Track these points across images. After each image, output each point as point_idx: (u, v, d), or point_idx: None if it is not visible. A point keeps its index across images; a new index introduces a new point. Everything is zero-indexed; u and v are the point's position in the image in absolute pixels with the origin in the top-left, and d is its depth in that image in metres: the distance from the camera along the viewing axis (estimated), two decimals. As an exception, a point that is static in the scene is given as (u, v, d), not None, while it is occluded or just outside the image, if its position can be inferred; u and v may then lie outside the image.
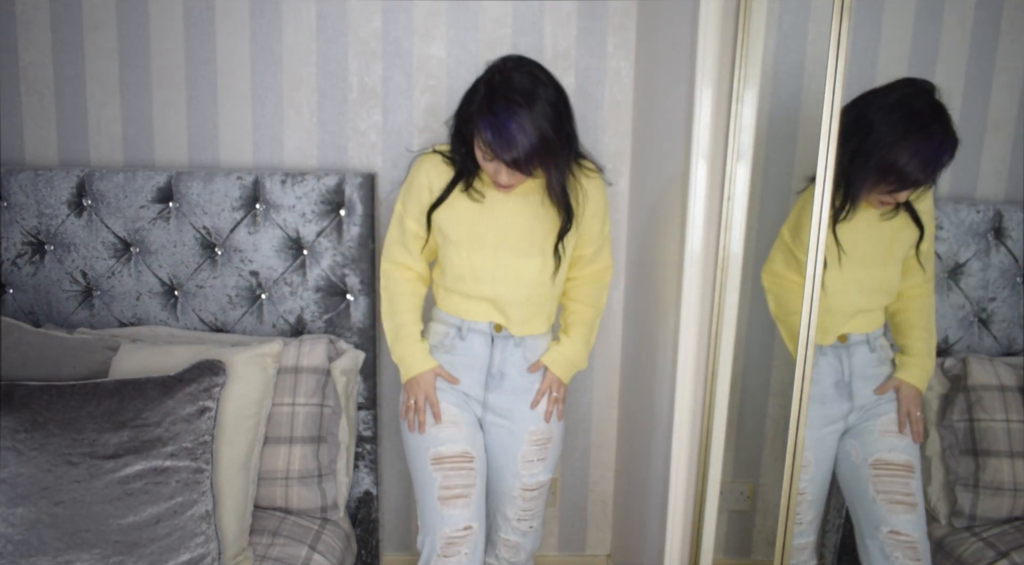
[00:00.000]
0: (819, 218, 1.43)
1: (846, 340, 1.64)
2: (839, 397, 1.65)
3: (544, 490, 1.79)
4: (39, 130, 2.04)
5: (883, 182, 1.49)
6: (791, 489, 1.52)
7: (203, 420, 1.56)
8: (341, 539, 1.80)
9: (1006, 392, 1.71)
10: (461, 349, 1.71)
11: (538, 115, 1.47)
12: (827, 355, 1.63)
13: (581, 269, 1.76)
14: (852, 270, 1.58)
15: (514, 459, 1.73)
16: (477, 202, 1.64)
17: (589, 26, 2.02)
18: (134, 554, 1.45)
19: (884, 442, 1.66)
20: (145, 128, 2.04)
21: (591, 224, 1.70)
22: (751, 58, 1.41)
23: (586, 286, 1.77)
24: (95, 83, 2.02)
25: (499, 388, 1.72)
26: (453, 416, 1.70)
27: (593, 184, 1.68)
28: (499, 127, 1.46)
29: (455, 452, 1.67)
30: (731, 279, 1.47)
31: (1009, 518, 1.70)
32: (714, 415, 1.51)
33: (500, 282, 1.65)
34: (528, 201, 1.64)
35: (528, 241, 1.64)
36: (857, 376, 1.65)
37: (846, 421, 1.67)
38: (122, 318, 1.95)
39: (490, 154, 1.51)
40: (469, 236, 1.64)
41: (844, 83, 1.37)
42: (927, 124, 1.48)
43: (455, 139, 1.63)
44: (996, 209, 1.75)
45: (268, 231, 1.92)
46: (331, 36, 2.01)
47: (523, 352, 1.72)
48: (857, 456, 1.67)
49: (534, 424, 1.73)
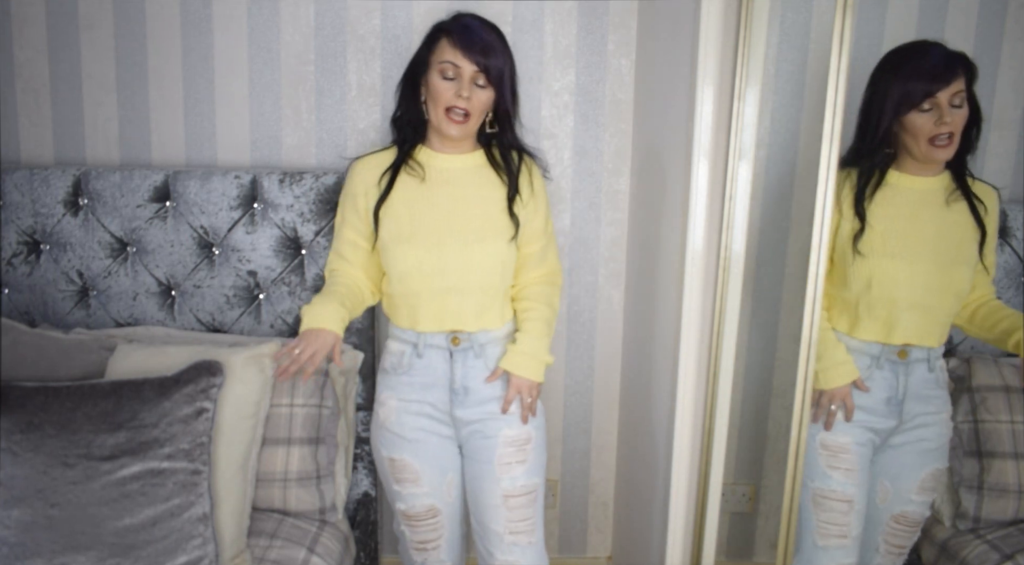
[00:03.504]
0: (820, 218, 1.43)
1: (906, 356, 1.59)
2: (888, 414, 1.61)
3: (532, 498, 1.67)
4: (34, 129, 2.03)
5: (907, 96, 1.49)
6: (794, 491, 1.52)
7: (200, 421, 1.55)
8: (340, 541, 1.79)
9: (1010, 393, 1.70)
10: (420, 368, 1.64)
11: (502, 39, 1.57)
12: (884, 369, 1.59)
13: (529, 272, 1.71)
14: (909, 257, 1.55)
15: (491, 462, 1.65)
16: (415, 177, 1.61)
17: (590, 24, 2.01)
18: (131, 556, 1.44)
19: (918, 498, 1.63)
20: (142, 127, 2.03)
21: (534, 218, 1.67)
22: (753, 56, 1.41)
23: (537, 286, 1.71)
24: (91, 81, 2.01)
25: (465, 403, 1.65)
26: (411, 472, 1.65)
27: (534, 169, 1.69)
28: (466, 26, 1.55)
29: (419, 510, 1.66)
30: (733, 279, 1.47)
31: (1014, 520, 1.69)
32: (716, 416, 1.50)
33: (449, 272, 1.59)
34: (468, 181, 1.62)
35: (473, 224, 1.60)
36: (911, 396, 1.60)
37: (889, 438, 1.63)
38: (119, 318, 1.94)
39: (451, 57, 1.53)
40: (411, 227, 1.59)
41: (847, 81, 1.36)
42: (927, 42, 1.54)
43: (403, 93, 1.64)
44: (1001, 208, 1.74)
45: (266, 230, 1.91)
46: (329, 34, 2.00)
47: (484, 362, 1.64)
48: (884, 500, 1.64)
49: (508, 427, 1.65)
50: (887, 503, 1.63)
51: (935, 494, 1.66)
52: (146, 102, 2.02)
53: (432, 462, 1.66)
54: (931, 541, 1.77)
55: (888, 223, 1.56)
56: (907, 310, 1.56)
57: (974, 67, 1.52)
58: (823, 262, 1.44)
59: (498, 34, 1.57)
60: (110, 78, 2.00)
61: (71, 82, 2.01)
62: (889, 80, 1.53)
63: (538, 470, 1.69)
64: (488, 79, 1.55)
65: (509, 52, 1.58)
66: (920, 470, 1.62)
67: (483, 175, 1.64)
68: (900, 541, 1.65)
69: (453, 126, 1.56)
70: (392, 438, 1.66)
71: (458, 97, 1.54)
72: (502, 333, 1.67)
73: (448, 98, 1.54)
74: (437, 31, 1.58)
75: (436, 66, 1.55)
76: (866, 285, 1.56)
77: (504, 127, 1.63)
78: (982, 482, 1.69)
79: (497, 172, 1.65)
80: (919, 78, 1.50)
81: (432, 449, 1.66)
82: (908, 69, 1.51)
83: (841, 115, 1.38)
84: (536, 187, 1.68)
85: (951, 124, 1.49)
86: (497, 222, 1.62)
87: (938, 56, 1.51)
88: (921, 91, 1.49)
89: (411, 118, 1.64)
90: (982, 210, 1.59)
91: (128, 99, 2.02)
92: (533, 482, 1.68)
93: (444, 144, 1.63)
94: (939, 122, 1.49)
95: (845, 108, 1.38)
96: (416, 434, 1.65)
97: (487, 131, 1.64)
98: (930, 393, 1.61)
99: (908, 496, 1.62)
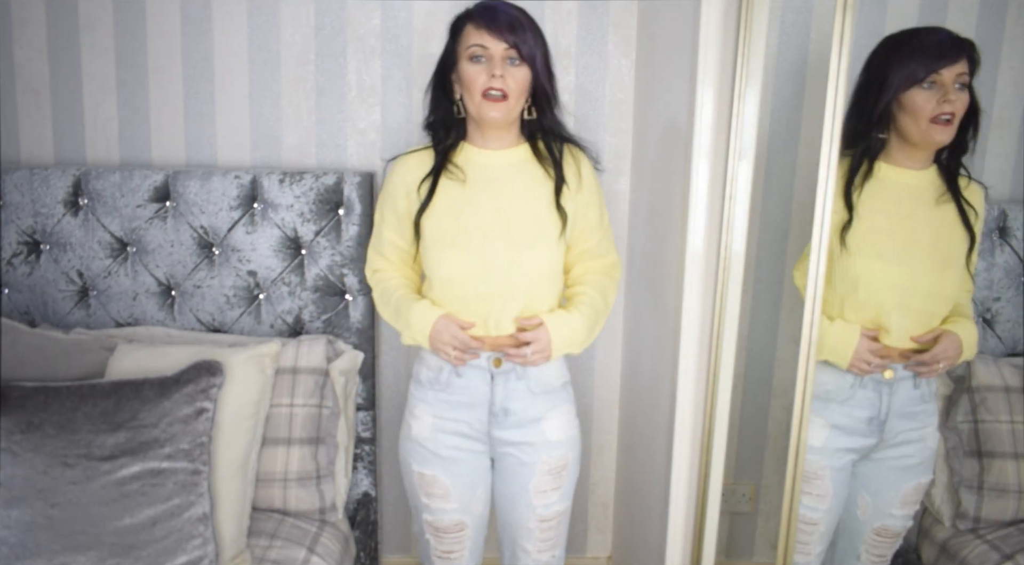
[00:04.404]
0: (820, 218, 1.42)
1: (893, 376, 1.55)
2: (869, 433, 1.58)
3: (563, 518, 1.67)
4: (35, 129, 2.03)
5: (910, 71, 1.45)
6: (794, 491, 1.52)
7: (200, 421, 1.55)
8: (340, 541, 1.79)
9: (1011, 393, 1.70)
10: (459, 387, 1.58)
11: (531, 18, 1.51)
12: (867, 388, 1.55)
13: (588, 263, 1.63)
14: (898, 257, 1.50)
15: (526, 490, 1.62)
16: (456, 180, 1.55)
17: (590, 24, 2.01)
18: (131, 556, 1.44)
19: (899, 512, 1.61)
20: (142, 127, 2.03)
21: (586, 211, 1.59)
22: (753, 56, 1.40)
23: (595, 274, 1.63)
24: (91, 81, 2.00)
25: (504, 424, 1.59)
26: (442, 488, 1.61)
27: (583, 161, 1.60)
28: (489, 7, 1.49)
29: (447, 524, 1.64)
30: (733, 279, 1.46)
31: (1014, 520, 1.69)
32: (716, 416, 1.50)
33: (492, 277, 1.52)
34: (512, 179, 1.55)
35: (519, 225, 1.53)
36: (894, 414, 1.57)
37: (870, 453, 1.61)
38: (119, 318, 1.94)
39: (478, 39, 1.47)
40: (454, 231, 1.53)
41: (847, 81, 1.36)
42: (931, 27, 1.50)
43: (433, 94, 1.58)
44: (1001, 208, 1.74)
45: (266, 231, 1.90)
46: (330, 34, 2.00)
47: (526, 384, 1.58)
48: (864, 514, 1.62)
49: (547, 452, 1.61)
50: (868, 517, 1.61)
51: (917, 506, 1.64)
52: (146, 102, 2.02)
53: (464, 479, 1.62)
54: (931, 541, 1.77)
55: (876, 218, 1.51)
56: (896, 314, 1.52)
57: (978, 56, 1.47)
58: (823, 262, 1.44)
59: (525, 13, 1.50)
60: (110, 78, 2.00)
61: (71, 82, 2.01)
62: (891, 58, 1.48)
63: (571, 492, 1.68)
64: (521, 56, 1.47)
65: (539, 31, 1.51)
66: (902, 485, 1.60)
67: (528, 171, 1.56)
68: (881, 551, 1.64)
69: (493, 107, 1.47)
70: (425, 454, 1.62)
71: (492, 78, 1.46)
72: None
73: (482, 81, 1.47)
74: (461, 20, 1.52)
75: (465, 53, 1.48)
76: (852, 286, 1.52)
77: (543, 110, 1.55)
78: (982, 482, 1.69)
79: (543, 165, 1.56)
80: (924, 54, 1.44)
81: (465, 467, 1.62)
82: (912, 46, 1.46)
83: (841, 115, 1.38)
84: (585, 176, 1.59)
85: (954, 104, 1.44)
86: (544, 221, 1.54)
87: (944, 36, 1.46)
88: (925, 67, 1.44)
89: (444, 118, 1.58)
90: (972, 215, 1.54)
91: (128, 99, 2.01)
92: (566, 505, 1.67)
93: (487, 139, 1.56)
94: (942, 100, 1.43)
95: (845, 108, 1.37)
96: (450, 452, 1.61)
97: (526, 118, 1.56)
98: (915, 409, 1.58)
99: (889, 510, 1.61)
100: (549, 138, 1.58)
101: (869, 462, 1.61)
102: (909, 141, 1.50)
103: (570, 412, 1.66)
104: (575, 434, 1.66)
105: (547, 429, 1.61)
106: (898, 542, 1.65)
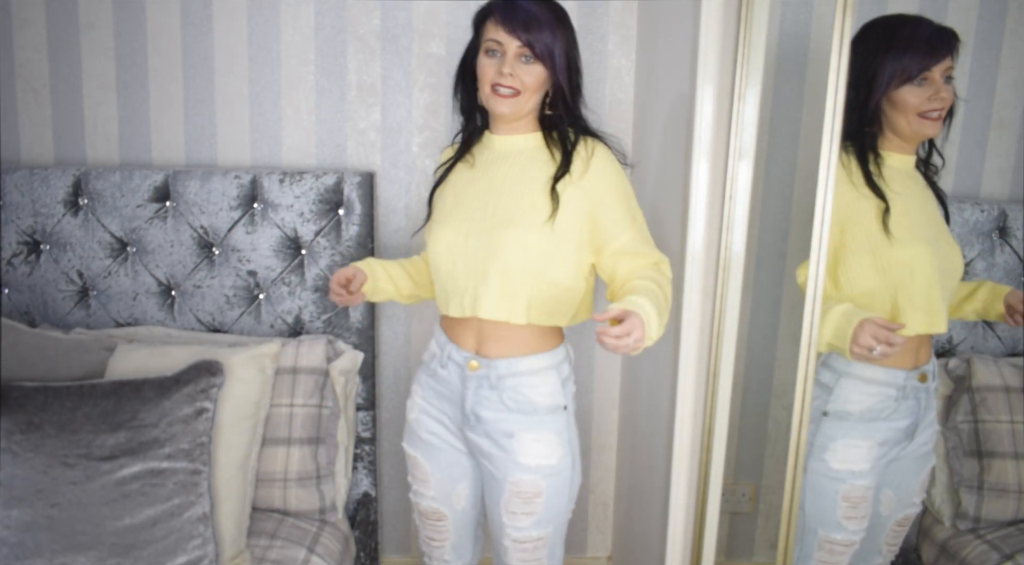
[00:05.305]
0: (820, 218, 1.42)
1: (926, 379, 1.53)
2: (906, 437, 1.54)
3: (542, 545, 1.57)
4: (35, 129, 2.03)
5: (902, 70, 1.44)
6: (794, 491, 1.51)
7: (200, 421, 1.55)
8: (340, 541, 1.79)
9: (1011, 393, 1.70)
10: (442, 378, 1.56)
11: (556, 14, 1.48)
12: (908, 398, 1.51)
13: (629, 262, 1.48)
14: (931, 239, 1.48)
15: (498, 505, 1.54)
16: (467, 163, 1.57)
17: (589, 24, 2.01)
18: (131, 556, 1.44)
19: (918, 499, 1.60)
20: (142, 127, 2.03)
21: (605, 201, 1.49)
22: (753, 56, 1.40)
23: (647, 270, 1.46)
24: (91, 81, 2.00)
25: (476, 430, 1.52)
26: (422, 472, 1.62)
27: (598, 152, 1.52)
28: (511, 4, 1.47)
29: (425, 509, 1.64)
30: (733, 279, 1.46)
31: (1014, 520, 1.69)
32: (716, 416, 1.50)
33: (471, 255, 1.48)
34: (517, 162, 1.53)
35: (504, 208, 1.48)
36: (923, 420, 1.56)
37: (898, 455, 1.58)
38: (119, 318, 1.94)
39: (494, 34, 1.47)
40: (450, 209, 1.54)
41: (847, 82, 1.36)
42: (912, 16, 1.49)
43: (455, 84, 1.59)
44: (1000, 208, 1.74)
45: (266, 230, 1.90)
46: (329, 34, 2.00)
47: (499, 395, 1.49)
48: (887, 509, 1.59)
49: (516, 474, 1.50)
50: (891, 511, 1.60)
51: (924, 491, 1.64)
52: (146, 102, 2.02)
53: (443, 469, 1.61)
54: (931, 541, 1.77)
55: (902, 203, 1.48)
56: (941, 299, 1.48)
57: (959, 43, 1.47)
58: (823, 262, 1.43)
59: (551, 8, 1.48)
60: (110, 78, 2.00)
61: (71, 82, 2.01)
62: (879, 54, 1.47)
63: (549, 520, 1.55)
64: (535, 54, 1.46)
65: (564, 27, 1.49)
66: (920, 473, 1.60)
67: (536, 156, 1.53)
68: (899, 539, 1.64)
69: (500, 103, 1.48)
70: (410, 434, 1.64)
71: (500, 74, 1.46)
72: (528, 366, 1.51)
73: (491, 75, 1.48)
74: (483, 14, 1.52)
75: (483, 47, 1.50)
76: (908, 273, 1.45)
77: (558, 106, 1.52)
78: (982, 482, 1.69)
79: (552, 153, 1.53)
80: (914, 52, 1.44)
81: (444, 457, 1.60)
82: (901, 43, 1.45)
83: (841, 115, 1.38)
84: (595, 167, 1.50)
85: (944, 99, 1.45)
86: (532, 202, 1.48)
87: (932, 30, 1.46)
88: (917, 66, 1.44)
89: (467, 108, 1.59)
90: (942, 194, 1.57)
91: (128, 99, 2.01)
92: (544, 532, 1.55)
93: (499, 125, 1.55)
94: (934, 97, 1.44)
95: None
96: (430, 438, 1.60)
97: (545, 113, 1.55)
98: (931, 403, 1.58)
99: (911, 499, 1.60)
100: (566, 129, 1.55)
101: (892, 462, 1.59)
102: (899, 135, 1.51)
103: (553, 441, 1.51)
104: (556, 464, 1.51)
105: (519, 450, 1.50)
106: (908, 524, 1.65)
